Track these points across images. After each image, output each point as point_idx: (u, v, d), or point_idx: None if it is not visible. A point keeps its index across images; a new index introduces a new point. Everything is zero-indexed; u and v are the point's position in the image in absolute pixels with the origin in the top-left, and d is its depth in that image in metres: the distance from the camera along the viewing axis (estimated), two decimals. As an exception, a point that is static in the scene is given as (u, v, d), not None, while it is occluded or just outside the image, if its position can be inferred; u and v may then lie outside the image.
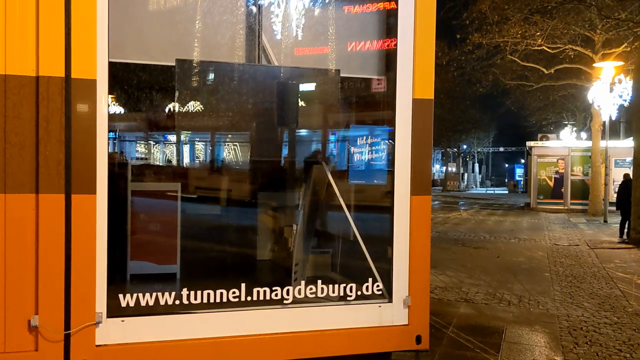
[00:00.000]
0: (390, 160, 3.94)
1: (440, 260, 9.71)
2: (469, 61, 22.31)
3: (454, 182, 55.74)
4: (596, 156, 21.50)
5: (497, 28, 18.59)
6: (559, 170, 23.86)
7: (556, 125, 42.15)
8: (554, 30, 18.86)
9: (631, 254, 11.14)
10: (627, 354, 4.96)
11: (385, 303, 3.89)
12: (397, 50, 3.83)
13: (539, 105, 34.61)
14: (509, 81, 25.10)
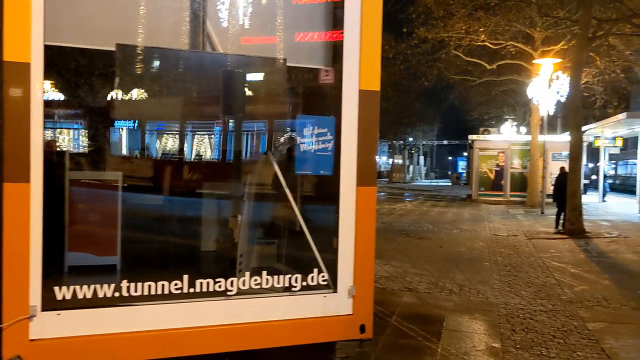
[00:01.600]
0: (336, 151, 3.94)
1: (385, 250, 9.85)
2: (415, 55, 22.63)
3: (399, 173, 56.60)
4: (534, 150, 22.26)
5: (442, 23, 18.93)
6: (500, 163, 24.59)
7: (497, 119, 43.39)
8: (496, 26, 19.35)
9: (566, 244, 11.62)
10: (561, 340, 5.18)
11: (330, 293, 3.90)
12: (344, 41, 3.83)
13: (481, 100, 35.54)
14: (453, 76, 25.64)
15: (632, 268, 8.94)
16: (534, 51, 20.69)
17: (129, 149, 7.53)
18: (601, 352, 4.87)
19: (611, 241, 12.00)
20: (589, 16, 13.63)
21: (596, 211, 19.98)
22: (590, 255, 10.23)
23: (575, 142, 13.74)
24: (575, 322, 5.76)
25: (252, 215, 4.54)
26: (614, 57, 19.89)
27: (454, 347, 4.85)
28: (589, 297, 6.89)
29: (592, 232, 13.23)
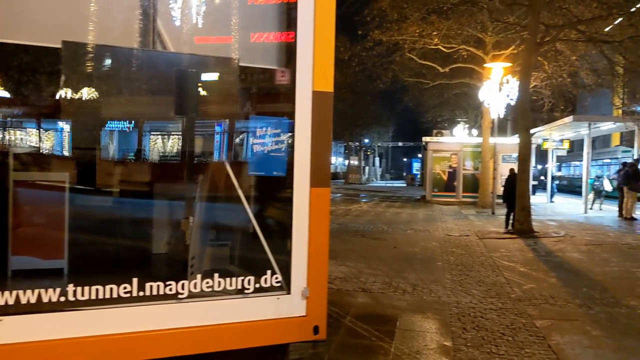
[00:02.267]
0: (290, 152, 3.93)
1: (340, 251, 9.89)
2: (370, 57, 22.84)
3: (355, 175, 56.97)
4: (486, 152, 22.79)
5: (396, 26, 19.16)
6: (452, 165, 25.06)
7: (450, 121, 44.26)
8: (449, 30, 19.72)
9: (515, 243, 11.92)
10: (510, 337, 5.30)
11: (283, 295, 3.89)
12: (297, 42, 3.83)
13: (435, 103, 36.20)
14: (408, 78, 26.00)
15: (577, 266, 9.25)
16: (485, 55, 21.18)
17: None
18: (548, 348, 5.01)
19: (558, 240, 12.38)
20: (537, 22, 14.04)
21: (544, 211, 20.58)
22: (538, 254, 10.53)
23: (524, 144, 14.13)
24: (523, 320, 5.91)
25: (204, 217, 4.48)
26: (561, 62, 20.58)
27: (406, 347, 4.90)
28: (537, 295, 7.08)
29: (540, 232, 13.62)
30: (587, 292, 7.27)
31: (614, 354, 4.93)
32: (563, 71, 21.15)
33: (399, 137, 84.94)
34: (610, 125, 24.48)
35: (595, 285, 7.76)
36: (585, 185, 21.79)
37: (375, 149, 77.91)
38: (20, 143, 6.73)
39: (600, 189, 22.47)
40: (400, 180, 67.91)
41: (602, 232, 14.12)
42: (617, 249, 11.16)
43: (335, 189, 39.06)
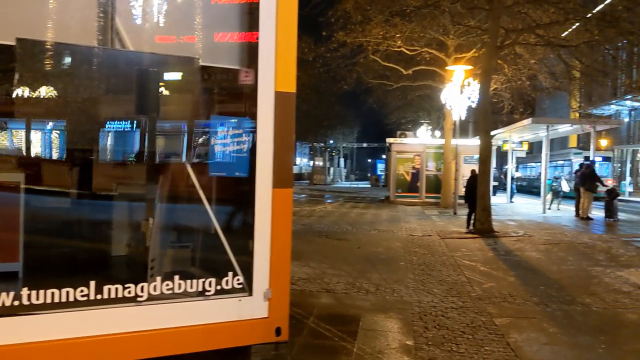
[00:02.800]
0: (252, 153, 3.91)
1: (304, 252, 9.89)
2: (334, 58, 22.91)
3: (320, 175, 57.13)
4: (448, 153, 23.13)
5: (360, 28, 19.27)
6: (415, 166, 25.36)
7: (414, 123, 44.78)
8: (412, 33, 19.94)
9: (476, 243, 12.14)
10: (470, 335, 5.39)
11: (245, 297, 3.85)
12: (259, 42, 3.81)
13: (399, 104, 36.56)
14: (372, 80, 26.19)
15: (535, 265, 9.47)
16: (447, 58, 21.50)
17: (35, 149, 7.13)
18: (506, 346, 5.11)
19: (517, 240, 12.65)
20: (497, 26, 14.33)
21: (504, 211, 21.01)
22: (498, 253, 10.74)
23: (484, 145, 14.40)
24: (483, 318, 6.01)
25: (164, 219, 4.42)
26: (520, 66, 21.05)
27: (369, 346, 4.93)
28: (497, 293, 7.22)
29: (500, 232, 13.90)
30: (545, 290, 7.44)
31: (569, 351, 5.06)
32: (522, 74, 21.64)
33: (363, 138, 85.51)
34: (567, 128, 25.19)
35: (552, 283, 7.96)
36: (543, 186, 22.34)
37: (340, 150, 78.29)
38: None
39: (558, 189, 23.08)
40: (365, 181, 68.35)
41: (560, 232, 14.50)
42: (573, 248, 11.47)
43: (300, 189, 39.06)
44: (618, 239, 13.31)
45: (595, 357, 4.91)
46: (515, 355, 4.86)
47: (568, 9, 14.68)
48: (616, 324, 6.00)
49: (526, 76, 21.92)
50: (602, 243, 12.32)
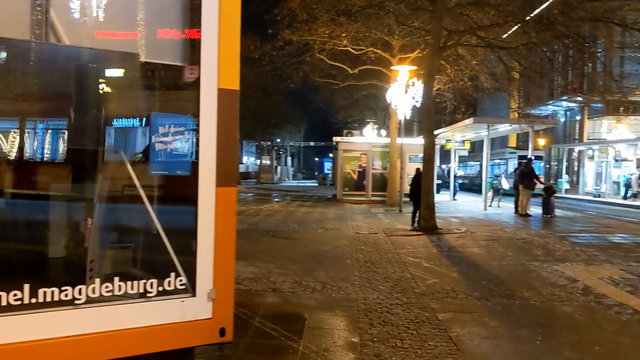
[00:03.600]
0: (194, 151, 3.84)
1: (250, 251, 9.82)
2: (281, 57, 22.81)
3: (267, 174, 56.91)
4: (393, 152, 23.45)
5: (306, 26, 19.26)
6: (362, 164, 25.59)
7: (360, 122, 45.23)
8: (357, 32, 20.09)
9: (420, 240, 12.36)
10: (414, 331, 5.48)
11: (188, 297, 3.78)
12: (202, 39, 3.75)
13: (345, 103, 36.82)
14: (318, 78, 26.25)
15: (477, 261, 9.73)
16: (392, 58, 21.79)
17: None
18: (449, 340, 5.23)
19: (460, 236, 12.97)
20: (440, 27, 14.63)
21: (448, 209, 21.49)
22: (441, 250, 10.97)
23: (428, 144, 14.67)
24: (427, 314, 6.13)
25: (104, 219, 4.28)
26: (462, 66, 21.57)
27: (315, 345, 4.94)
28: (440, 289, 7.37)
29: (444, 229, 14.21)
30: (486, 285, 7.66)
31: (508, 343, 5.22)
32: (464, 75, 22.19)
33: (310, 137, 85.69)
34: (507, 127, 26.00)
35: (492, 278, 8.20)
36: (484, 183, 22.98)
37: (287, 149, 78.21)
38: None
39: (499, 187, 23.79)
40: (313, 180, 68.53)
41: (500, 228, 14.95)
42: (512, 244, 11.85)
43: (246, 188, 38.77)
44: (554, 234, 13.83)
45: (532, 349, 5.08)
46: (458, 349, 4.97)
47: (507, 12, 15.14)
48: (552, 317, 6.23)
49: (468, 77, 22.49)
50: (539, 239, 12.77)
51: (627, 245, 12.05)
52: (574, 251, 10.97)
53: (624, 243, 12.50)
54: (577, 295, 7.22)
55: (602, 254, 10.63)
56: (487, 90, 23.95)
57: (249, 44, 24.42)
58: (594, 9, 14.87)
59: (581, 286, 7.70)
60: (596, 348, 5.13)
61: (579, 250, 11.11)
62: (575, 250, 11.11)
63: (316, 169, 77.16)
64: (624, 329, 5.78)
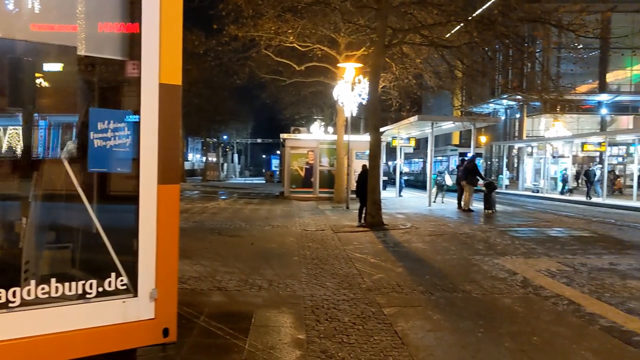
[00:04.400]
0: (135, 148, 3.74)
1: (195, 250, 9.67)
2: (226, 52, 22.55)
3: (213, 172, 56.25)
4: (340, 149, 23.60)
5: (252, 22, 19.10)
6: (309, 161, 25.65)
7: (307, 119, 45.34)
8: (304, 29, 20.08)
9: (367, 236, 12.49)
10: (360, 326, 5.53)
11: (130, 298, 3.69)
12: (142, 33, 3.66)
13: (292, 100, 36.80)
14: (265, 75, 26.11)
15: (421, 256, 9.91)
16: (339, 55, 21.90)
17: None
18: (394, 334, 5.30)
19: (405, 232, 13.18)
20: (384, 25, 14.81)
21: (394, 205, 21.80)
22: (387, 245, 11.12)
23: (374, 141, 14.84)
24: (373, 309, 6.19)
25: (41, 218, 4.12)
26: (407, 65, 21.90)
27: (261, 343, 4.91)
28: (385, 284, 7.46)
29: (390, 224, 14.42)
30: (430, 279, 7.81)
31: (451, 336, 5.34)
32: (409, 73, 22.53)
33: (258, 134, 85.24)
34: (450, 125, 26.61)
35: (436, 272, 8.37)
36: (429, 180, 23.45)
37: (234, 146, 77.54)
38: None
39: (442, 183, 24.34)
40: (260, 177, 68.23)
41: (443, 223, 15.29)
42: (455, 239, 12.14)
43: (192, 186, 38.21)
44: (495, 229, 14.26)
45: (474, 340, 5.21)
46: (402, 343, 5.05)
47: (450, 12, 15.46)
48: (493, 309, 6.41)
49: (412, 75, 22.85)
50: (481, 233, 13.14)
51: (563, 239, 12.54)
52: (513, 245, 11.34)
53: (561, 236, 13.01)
54: (516, 287, 7.46)
55: (540, 247, 11.03)
56: (431, 88, 24.42)
57: (194, 39, 24.05)
58: (531, 10, 15.38)
59: (520, 279, 7.96)
60: (534, 338, 5.31)
61: (518, 244, 11.50)
62: (515, 244, 11.49)
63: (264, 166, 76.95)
64: (560, 319, 6.01)
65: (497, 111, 52.21)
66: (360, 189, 15.41)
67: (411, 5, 15.89)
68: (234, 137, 71.74)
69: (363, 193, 14.93)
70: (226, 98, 47.05)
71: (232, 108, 52.76)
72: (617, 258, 9.88)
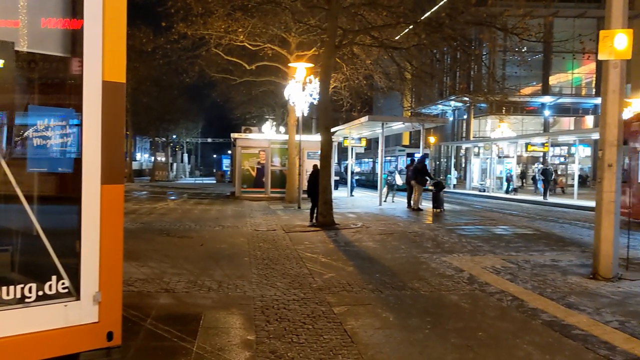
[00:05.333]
0: (78, 147, 3.63)
1: (143, 251, 9.48)
2: (175, 50, 22.16)
3: (162, 171, 55.31)
4: (292, 149, 23.58)
5: (202, 20, 18.83)
6: (261, 161, 25.52)
7: (259, 118, 45.10)
8: (254, 28, 19.94)
9: (318, 235, 12.53)
10: (310, 326, 5.54)
11: (72, 301, 3.58)
12: (84, 29, 3.56)
13: (243, 99, 36.53)
14: (215, 74, 25.80)
15: (372, 254, 10.02)
16: (290, 55, 21.87)
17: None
18: (344, 333, 5.33)
19: (356, 231, 13.29)
20: (335, 26, 14.89)
21: (345, 204, 21.94)
22: (338, 245, 11.18)
23: (325, 141, 14.90)
24: (323, 308, 6.22)
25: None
26: (358, 65, 22.08)
27: (209, 345, 4.85)
28: (336, 283, 7.51)
29: (341, 224, 14.51)
30: (380, 278, 7.90)
31: (400, 333, 5.42)
32: (360, 74, 22.72)
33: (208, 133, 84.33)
34: (400, 125, 27.00)
35: (386, 271, 8.48)
36: (379, 180, 23.72)
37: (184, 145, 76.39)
38: None
39: (393, 183, 24.66)
40: (211, 177, 67.45)
41: (394, 222, 15.50)
42: (405, 237, 12.33)
43: (140, 186, 37.43)
44: (443, 227, 14.56)
45: (421, 337, 5.30)
46: (352, 341, 5.08)
47: (399, 13, 15.69)
48: (440, 305, 6.55)
49: (363, 75, 23.05)
50: (429, 232, 13.39)
51: (507, 237, 12.92)
52: (460, 243, 11.60)
53: (505, 234, 13.40)
54: (463, 284, 7.63)
55: (485, 245, 11.32)
56: (382, 89, 24.68)
57: (142, 37, 23.52)
58: (478, 13, 15.77)
59: (467, 276, 8.16)
60: (479, 333, 5.45)
61: (465, 242, 11.77)
62: (462, 242, 11.76)
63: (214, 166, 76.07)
64: (504, 314, 6.19)
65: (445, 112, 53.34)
66: (311, 189, 15.44)
67: (361, 7, 16.04)
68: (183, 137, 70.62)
69: (314, 193, 14.97)
70: (175, 97, 46.28)
71: (181, 107, 51.93)
72: (558, 255, 10.25)
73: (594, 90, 44.47)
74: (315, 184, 14.96)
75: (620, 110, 8.14)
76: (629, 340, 5.24)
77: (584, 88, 47.25)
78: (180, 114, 53.99)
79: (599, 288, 7.44)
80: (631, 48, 7.82)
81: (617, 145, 7.98)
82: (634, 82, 39.24)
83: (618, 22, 7.94)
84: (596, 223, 8.20)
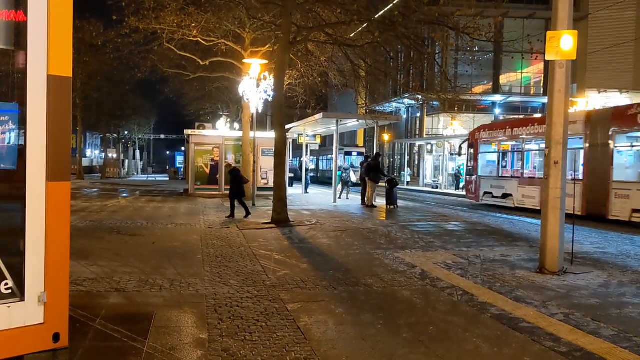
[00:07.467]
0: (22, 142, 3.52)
1: (93, 250, 9.26)
2: (127, 45, 21.70)
3: (114, 168, 54.07)
4: (246, 146, 23.43)
5: (154, 14, 18.48)
6: (215, 158, 25.26)
7: (213, 115, 44.62)
8: (207, 23, 19.71)
9: (272, 233, 12.50)
10: (264, 323, 5.53)
11: (15, 302, 3.48)
12: (29, 21, 3.44)
13: (197, 95, 36.08)
14: (168, 69, 25.40)
15: (326, 251, 10.06)
16: (244, 51, 21.71)
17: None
18: (297, 330, 5.34)
19: (310, 228, 13.32)
20: (289, 22, 14.86)
21: (300, 202, 21.96)
22: (293, 242, 11.18)
23: (279, 138, 14.86)
24: (276, 305, 6.21)
25: None
26: (312, 62, 22.09)
27: (160, 344, 4.78)
28: (290, 280, 7.51)
29: (295, 221, 14.51)
30: (333, 274, 7.94)
31: (353, 329, 5.46)
32: (314, 71, 22.74)
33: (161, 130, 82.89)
34: (354, 123, 27.19)
35: (340, 267, 8.53)
36: (334, 177, 23.84)
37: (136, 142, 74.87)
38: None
39: (347, 180, 24.83)
40: (164, 174, 66.29)
41: (348, 219, 15.61)
42: (359, 234, 12.43)
43: (90, 184, 36.50)
44: (397, 224, 14.74)
45: (374, 332, 5.37)
46: (305, 338, 5.10)
47: (353, 11, 15.77)
48: (393, 301, 6.63)
49: (318, 73, 23.09)
50: (383, 228, 13.54)
51: (459, 233, 13.20)
52: (413, 239, 11.78)
53: (457, 230, 13.69)
54: (415, 280, 7.75)
55: (437, 241, 11.53)
56: (336, 86, 24.79)
57: (92, 30, 22.97)
58: (430, 12, 16.02)
59: (419, 271, 8.29)
60: (431, 328, 5.55)
61: (417, 238, 11.96)
62: (415, 238, 11.94)
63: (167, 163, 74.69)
64: (454, 309, 6.32)
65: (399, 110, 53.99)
66: (230, 188, 16.10)
67: (316, 3, 16.04)
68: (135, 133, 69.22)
69: (232, 192, 15.87)
70: (127, 92, 45.27)
71: (133, 102, 50.92)
72: (507, 250, 10.53)
73: (542, 89, 45.84)
74: (234, 184, 15.68)
75: (566, 109, 8.43)
76: (573, 331, 5.44)
77: (532, 87, 48.60)
78: (132, 109, 52.95)
79: (546, 282, 7.69)
80: (576, 49, 8.11)
81: (563, 143, 8.25)
82: (579, 82, 40.73)
83: (564, 24, 8.20)
84: (543, 219, 8.48)
